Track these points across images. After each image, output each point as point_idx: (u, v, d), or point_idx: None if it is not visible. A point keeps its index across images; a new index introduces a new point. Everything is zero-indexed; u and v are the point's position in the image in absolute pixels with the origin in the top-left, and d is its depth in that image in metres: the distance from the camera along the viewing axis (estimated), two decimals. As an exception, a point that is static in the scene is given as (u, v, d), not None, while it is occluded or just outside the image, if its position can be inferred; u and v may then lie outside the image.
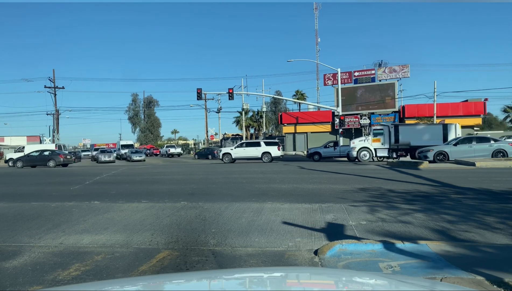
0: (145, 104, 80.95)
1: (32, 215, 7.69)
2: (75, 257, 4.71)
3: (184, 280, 1.88)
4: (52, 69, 57.96)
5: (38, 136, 63.03)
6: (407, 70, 43.60)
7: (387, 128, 26.03)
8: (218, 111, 57.33)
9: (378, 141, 25.96)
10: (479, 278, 3.54)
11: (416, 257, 4.25)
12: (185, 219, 6.93)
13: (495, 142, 21.18)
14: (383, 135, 26.00)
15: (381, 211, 7.23)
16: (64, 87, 52.02)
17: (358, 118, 44.67)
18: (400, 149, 25.49)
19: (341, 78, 41.99)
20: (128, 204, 8.75)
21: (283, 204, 8.28)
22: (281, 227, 6.07)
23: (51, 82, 50.94)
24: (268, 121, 65.68)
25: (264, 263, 4.37)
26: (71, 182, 15.23)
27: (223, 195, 9.96)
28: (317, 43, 75.13)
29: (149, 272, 4.09)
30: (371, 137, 26.17)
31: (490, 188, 10.10)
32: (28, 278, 4.01)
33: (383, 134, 26.00)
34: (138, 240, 5.48)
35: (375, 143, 25.95)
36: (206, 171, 20.20)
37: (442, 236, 5.35)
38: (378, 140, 26.04)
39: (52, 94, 50.87)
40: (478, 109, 42.14)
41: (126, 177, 17.25)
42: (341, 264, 4.20)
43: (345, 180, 13.31)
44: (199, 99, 39.03)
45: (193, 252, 4.81)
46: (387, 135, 25.86)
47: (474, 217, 6.50)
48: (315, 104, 50.81)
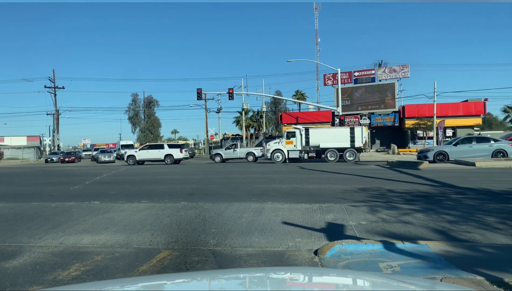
0: (145, 104, 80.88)
1: (32, 215, 7.69)
2: (75, 257, 4.71)
3: (184, 280, 1.88)
4: (52, 69, 58.01)
5: (38, 136, 63.04)
6: (407, 70, 43.61)
7: (299, 131, 27.56)
8: (218, 111, 57.35)
9: (291, 144, 27.52)
10: (479, 278, 3.54)
11: (416, 257, 4.25)
12: (185, 219, 6.93)
13: (495, 143, 21.17)
14: (295, 138, 27.58)
15: (381, 211, 7.23)
16: (64, 87, 52.12)
17: (358, 118, 44.68)
18: (311, 150, 27.24)
19: (341, 78, 42.01)
20: (128, 204, 8.75)
21: (283, 204, 8.28)
22: (281, 227, 6.07)
23: (51, 82, 50.96)
24: (268, 121, 65.66)
25: (264, 263, 4.37)
26: (71, 182, 15.23)
27: (223, 195, 9.96)
28: (317, 43, 75.16)
29: (149, 272, 4.09)
30: (285, 140, 27.75)
31: (490, 188, 10.10)
32: (28, 278, 4.01)
33: (295, 137, 27.57)
34: (138, 240, 5.48)
35: (288, 146, 27.53)
36: (206, 171, 20.21)
37: (442, 236, 5.35)
38: (291, 142, 27.60)
39: (52, 94, 50.89)
40: (478, 109, 42.15)
41: (126, 177, 17.25)
42: (341, 264, 4.20)
43: (345, 180, 13.31)
44: (199, 99, 39.05)
45: (193, 252, 4.81)
46: (299, 137, 27.45)
47: (474, 217, 6.50)
48: (315, 104, 50.82)
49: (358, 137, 26.39)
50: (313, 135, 27.38)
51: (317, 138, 27.29)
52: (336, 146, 26.61)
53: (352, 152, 26.48)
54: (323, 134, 27.52)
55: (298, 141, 27.50)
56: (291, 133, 27.84)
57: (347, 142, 26.50)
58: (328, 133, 27.82)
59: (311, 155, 27.32)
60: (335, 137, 27.04)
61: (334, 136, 27.12)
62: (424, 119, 39.76)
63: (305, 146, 27.36)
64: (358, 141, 26.35)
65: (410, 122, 41.83)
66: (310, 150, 27.37)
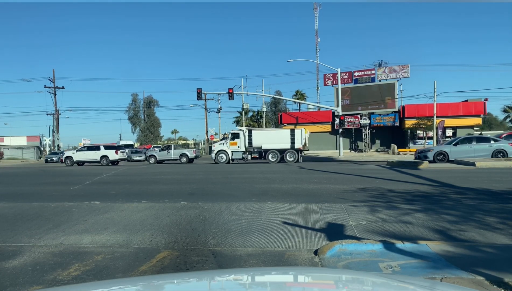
0: (145, 104, 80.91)
1: (32, 215, 7.69)
2: (75, 257, 4.71)
3: (184, 280, 1.88)
4: (52, 69, 58.01)
5: (38, 136, 63.05)
6: (407, 70, 43.61)
7: (242, 132, 28.69)
8: (218, 111, 57.37)
9: (235, 145, 28.50)
10: (479, 278, 3.54)
11: (416, 257, 4.25)
12: (185, 219, 6.93)
13: (495, 143, 21.17)
14: (239, 139, 28.50)
15: (381, 211, 7.23)
16: (64, 87, 52.14)
17: (358, 118, 44.69)
18: (254, 151, 28.27)
19: (341, 78, 42.00)
20: (128, 204, 8.75)
21: (283, 204, 8.28)
22: (281, 227, 6.07)
23: (51, 82, 50.97)
24: (268, 121, 65.67)
25: (264, 263, 4.37)
26: (71, 182, 15.23)
27: (223, 195, 9.96)
28: (317, 43, 75.20)
29: (149, 272, 4.09)
30: (229, 141, 28.81)
31: (490, 188, 10.10)
32: (28, 278, 4.01)
33: (239, 138, 28.50)
34: (138, 240, 5.48)
35: (232, 147, 28.52)
36: (206, 171, 20.21)
37: (442, 236, 5.35)
38: (235, 143, 28.57)
39: (52, 94, 50.91)
40: (478, 109, 42.16)
41: (126, 177, 17.25)
42: (341, 264, 4.20)
43: (345, 180, 13.31)
44: (199, 99, 39.04)
45: (193, 252, 4.81)
46: (243, 139, 28.42)
47: (474, 217, 6.50)
48: (315, 104, 50.82)
49: (298, 139, 27.40)
50: (255, 137, 28.42)
51: (259, 139, 28.30)
52: (277, 147, 27.65)
53: (292, 153, 27.48)
54: (265, 136, 28.61)
55: (242, 143, 28.41)
56: (235, 134, 28.76)
57: (287, 143, 27.63)
58: (269, 135, 28.96)
59: (254, 155, 28.33)
60: (276, 139, 28.12)
61: (276, 138, 28.22)
62: (424, 119, 39.77)
63: (248, 147, 28.31)
64: (298, 143, 27.37)
65: (410, 122, 41.84)
66: (253, 151, 28.32)
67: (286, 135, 27.92)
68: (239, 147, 28.41)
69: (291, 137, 27.60)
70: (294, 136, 27.53)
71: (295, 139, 27.46)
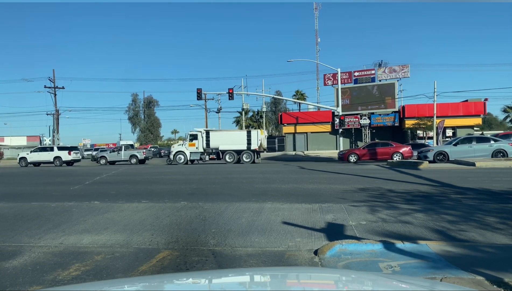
0: (145, 104, 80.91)
1: (32, 215, 7.69)
2: (75, 257, 4.71)
3: (184, 280, 1.88)
4: (52, 69, 57.97)
5: (38, 136, 63.04)
6: (407, 70, 43.60)
7: (201, 133, 29.12)
8: (218, 111, 57.32)
9: (193, 146, 29.09)
10: (479, 278, 3.54)
11: (416, 257, 4.25)
12: (185, 219, 6.93)
13: (495, 143, 21.17)
14: (197, 140, 29.09)
15: (381, 211, 7.23)
16: (64, 87, 52.02)
17: (358, 118, 44.67)
18: (212, 152, 28.88)
19: (341, 78, 42.01)
20: (128, 204, 8.75)
21: (283, 204, 8.28)
22: (281, 227, 6.07)
23: (51, 82, 50.95)
24: (268, 121, 65.67)
25: (264, 263, 4.37)
26: (71, 182, 15.23)
27: (223, 195, 9.96)
28: (317, 43, 75.12)
29: (149, 272, 4.09)
30: (188, 142, 29.39)
31: (490, 188, 10.10)
32: (28, 278, 4.01)
33: (198, 139, 29.07)
34: (138, 240, 5.48)
35: (191, 148, 29.12)
36: (206, 171, 20.21)
37: (442, 236, 5.35)
38: (194, 144, 29.16)
39: (52, 94, 50.89)
40: (478, 109, 42.14)
41: (126, 177, 17.25)
42: (341, 264, 4.20)
43: (345, 180, 13.31)
44: (199, 99, 39.06)
45: (193, 252, 4.81)
46: (201, 140, 28.98)
47: (474, 217, 6.50)
48: (315, 104, 50.82)
49: (254, 140, 28.20)
50: (213, 138, 28.96)
51: (217, 140, 28.85)
52: (234, 148, 28.29)
53: (248, 153, 28.20)
54: (222, 137, 29.14)
55: (200, 144, 28.98)
56: (194, 136, 29.38)
57: (244, 144, 28.34)
58: (227, 136, 29.41)
59: (212, 156, 29.00)
60: (233, 140, 28.70)
61: (233, 139, 28.79)
62: (424, 119, 39.75)
63: (206, 148, 28.89)
64: (254, 144, 28.15)
65: (410, 122, 41.81)
66: (211, 151, 28.89)
67: (243, 137, 28.64)
68: (197, 148, 28.97)
69: (248, 139, 28.37)
70: (251, 138, 28.29)
71: (251, 141, 28.19)
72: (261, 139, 28.72)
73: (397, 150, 24.71)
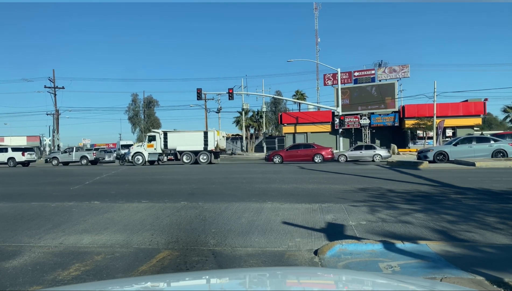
0: (145, 104, 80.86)
1: (32, 215, 7.69)
2: (75, 257, 4.70)
3: (184, 280, 1.88)
4: (52, 70, 57.99)
5: (38, 136, 63.02)
6: (407, 70, 43.61)
7: (159, 135, 29.64)
8: (218, 111, 57.36)
9: (152, 147, 29.44)
10: (479, 278, 3.54)
11: (416, 257, 4.25)
12: (185, 219, 6.93)
13: (495, 143, 21.18)
14: (155, 141, 29.46)
15: (381, 211, 7.23)
16: (64, 87, 52.10)
17: (358, 118, 44.68)
18: (170, 153, 29.27)
19: (341, 78, 42.04)
20: (128, 204, 8.75)
21: (283, 204, 8.28)
22: (281, 227, 6.07)
23: (51, 82, 50.96)
24: (268, 121, 65.64)
25: (264, 263, 4.37)
26: (71, 182, 15.23)
27: (223, 195, 9.96)
28: (317, 43, 75.20)
29: (149, 272, 4.09)
30: (146, 143, 29.77)
31: (490, 188, 10.10)
32: (28, 278, 4.01)
33: (156, 140, 29.44)
34: (138, 240, 5.48)
35: (149, 149, 29.47)
36: (206, 171, 20.21)
37: (442, 236, 5.35)
38: (152, 145, 29.50)
39: (52, 94, 50.90)
40: (478, 109, 42.15)
41: (126, 177, 17.25)
42: (341, 264, 4.20)
43: (345, 180, 13.31)
44: (199, 99, 39.10)
45: (193, 252, 4.81)
46: (159, 141, 29.35)
47: (474, 217, 6.50)
48: (315, 104, 50.85)
49: (211, 141, 28.78)
50: (171, 139, 29.34)
51: (174, 141, 29.22)
52: (191, 149, 28.70)
53: (205, 154, 28.67)
54: (180, 138, 29.46)
55: (158, 145, 29.34)
56: (152, 137, 29.89)
57: (201, 145, 28.80)
58: (184, 136, 29.68)
59: (170, 157, 29.38)
60: (190, 141, 29.05)
61: (190, 140, 29.13)
62: (424, 119, 39.76)
63: (164, 149, 29.22)
64: (211, 144, 28.73)
65: (410, 122, 41.82)
66: (169, 152, 29.24)
67: (200, 137, 29.04)
68: (156, 149, 29.35)
69: (205, 139, 28.86)
70: (207, 139, 28.84)
71: (208, 141, 28.78)
72: (218, 140, 29.22)
73: (319, 151, 26.52)
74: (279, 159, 26.92)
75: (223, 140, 31.21)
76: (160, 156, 29.45)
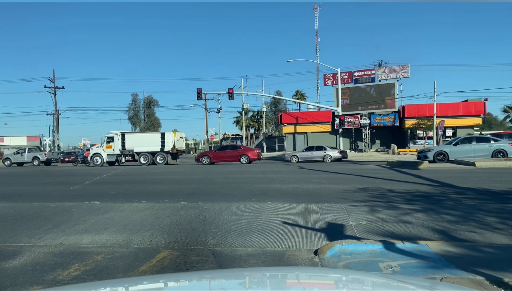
0: (145, 104, 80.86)
1: (32, 215, 7.69)
2: (75, 257, 4.70)
3: (184, 280, 1.88)
4: (52, 70, 58.00)
5: (38, 136, 63.03)
6: (407, 70, 43.60)
7: (117, 136, 29.90)
8: (218, 111, 57.33)
9: (110, 148, 29.81)
10: (479, 278, 3.54)
11: (416, 257, 4.25)
12: (185, 219, 6.93)
13: (495, 143, 21.17)
14: (114, 143, 29.75)
15: (381, 211, 7.23)
16: (64, 87, 52.14)
17: (358, 118, 44.68)
18: (128, 154, 29.73)
19: (341, 78, 42.01)
20: (128, 204, 8.75)
21: (283, 204, 8.27)
22: (281, 227, 6.07)
23: (51, 82, 50.96)
24: (268, 121, 65.66)
25: (264, 263, 4.37)
26: (71, 182, 15.23)
27: (223, 195, 9.95)
28: (317, 43, 75.11)
29: (149, 272, 4.09)
30: (105, 144, 30.04)
31: (490, 188, 10.10)
32: (28, 278, 4.01)
33: (114, 142, 29.75)
34: (138, 240, 5.48)
35: (108, 150, 29.85)
36: (206, 171, 20.21)
37: (442, 236, 5.35)
38: (110, 146, 29.81)
39: (52, 94, 50.91)
40: (478, 109, 42.15)
41: (126, 177, 17.25)
42: (341, 264, 4.20)
43: (345, 179, 13.31)
44: (199, 99, 39.08)
45: (193, 252, 4.81)
46: (117, 142, 29.67)
47: (474, 217, 6.50)
48: (315, 104, 50.83)
49: (168, 142, 29.07)
50: (128, 140, 29.69)
51: (132, 142, 29.58)
52: (148, 150, 29.04)
53: (162, 155, 29.01)
54: (137, 139, 29.92)
55: (117, 146, 29.66)
56: (111, 138, 30.09)
57: (158, 146, 29.07)
58: (141, 138, 30.22)
59: (128, 158, 29.92)
60: (147, 142, 29.41)
61: (147, 141, 29.53)
62: (424, 119, 39.75)
63: (122, 150, 29.59)
64: (167, 145, 29.03)
65: (410, 122, 41.82)
66: (127, 153, 29.62)
67: (157, 139, 29.39)
68: (114, 150, 29.76)
69: (161, 141, 29.14)
70: (164, 140, 29.15)
71: (165, 143, 29.07)
72: (175, 141, 29.59)
73: (244, 152, 27.71)
74: (207, 159, 27.72)
75: (182, 141, 31.61)
76: (118, 157, 29.84)
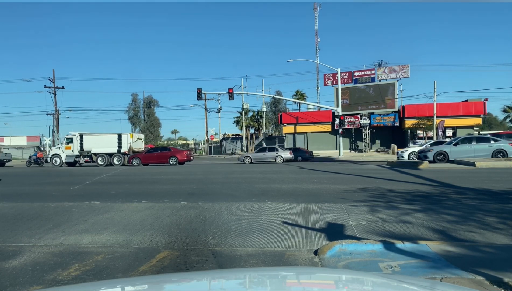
0: (145, 104, 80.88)
1: (32, 215, 7.69)
2: (75, 257, 4.70)
3: (184, 280, 1.88)
4: (52, 69, 57.99)
5: (38, 136, 63.02)
6: (407, 70, 43.62)
7: (75, 137, 30.07)
8: (218, 111, 57.38)
9: (69, 149, 30.15)
10: (479, 278, 3.54)
11: (416, 257, 4.25)
12: (185, 219, 6.93)
13: (495, 143, 21.16)
14: (73, 144, 29.93)
15: (381, 211, 7.23)
16: (64, 87, 52.10)
17: (358, 118, 44.70)
18: (87, 155, 29.96)
19: (341, 78, 42.01)
20: (128, 204, 8.75)
21: (283, 204, 8.28)
22: (281, 227, 6.07)
23: (51, 82, 50.96)
24: (268, 121, 65.66)
25: (264, 263, 4.37)
26: (71, 182, 15.23)
27: (223, 195, 9.96)
28: (317, 43, 75.17)
29: (149, 272, 4.09)
30: (64, 145, 30.27)
31: (490, 188, 10.10)
32: (28, 278, 4.01)
33: (73, 143, 29.91)
34: (138, 240, 5.48)
35: (67, 151, 30.18)
36: (206, 171, 20.21)
37: (442, 236, 5.35)
38: (70, 147, 30.04)
39: (52, 94, 50.91)
40: (478, 109, 42.17)
41: (126, 177, 17.25)
42: (341, 264, 4.20)
43: (345, 180, 13.31)
44: (199, 99, 39.07)
45: (193, 252, 4.81)
46: (76, 143, 29.86)
47: (474, 217, 6.50)
48: (315, 104, 50.83)
49: (125, 143, 29.50)
50: (87, 141, 29.91)
51: (90, 143, 29.83)
52: (106, 151, 29.32)
53: (119, 156, 29.35)
54: (95, 140, 30.03)
55: (75, 147, 29.91)
56: (70, 139, 30.29)
57: (114, 147, 29.35)
58: (99, 139, 30.23)
59: (86, 159, 29.99)
60: (105, 143, 29.63)
61: (104, 142, 29.71)
62: (424, 119, 39.79)
63: (80, 150, 29.81)
64: (124, 147, 29.40)
65: (410, 122, 41.85)
66: (85, 154, 29.86)
67: (114, 140, 29.58)
68: (73, 151, 29.94)
69: (118, 142, 29.39)
70: (121, 141, 29.50)
71: (122, 144, 29.42)
72: (131, 143, 29.90)
73: (174, 154, 28.43)
74: (137, 161, 28.16)
75: (140, 142, 31.91)
76: (77, 157, 30.00)
